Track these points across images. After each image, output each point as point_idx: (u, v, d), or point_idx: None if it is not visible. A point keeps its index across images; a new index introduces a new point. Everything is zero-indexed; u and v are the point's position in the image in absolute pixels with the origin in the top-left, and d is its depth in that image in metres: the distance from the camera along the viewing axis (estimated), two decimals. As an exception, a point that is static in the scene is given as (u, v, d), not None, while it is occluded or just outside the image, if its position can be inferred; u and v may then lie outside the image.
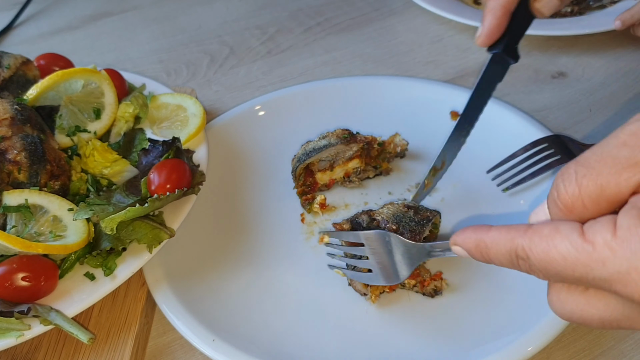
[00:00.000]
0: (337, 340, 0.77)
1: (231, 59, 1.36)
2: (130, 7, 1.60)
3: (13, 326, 0.70)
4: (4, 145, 0.80)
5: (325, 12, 1.49)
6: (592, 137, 1.04)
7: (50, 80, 0.93)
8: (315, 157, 0.93)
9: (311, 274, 0.86)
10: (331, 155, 0.94)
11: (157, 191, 0.80)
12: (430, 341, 0.76)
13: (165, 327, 0.82)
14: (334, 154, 0.94)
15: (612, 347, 0.75)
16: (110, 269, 0.76)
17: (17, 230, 0.76)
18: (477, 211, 0.92)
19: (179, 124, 0.97)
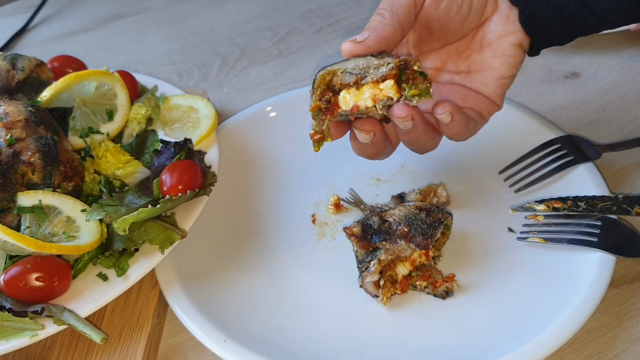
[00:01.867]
0: (348, 342, 0.77)
1: (242, 60, 1.36)
2: (142, 10, 1.61)
3: (27, 326, 0.70)
4: (18, 147, 0.81)
5: (337, 13, 1.49)
6: (605, 138, 1.03)
7: (64, 82, 0.94)
8: (340, 65, 0.72)
9: (322, 275, 0.86)
10: (360, 69, 0.71)
11: (169, 192, 0.80)
12: (441, 343, 0.75)
13: (177, 328, 0.83)
14: (364, 68, 0.71)
15: (626, 349, 0.74)
16: (123, 270, 0.77)
17: (31, 231, 0.77)
18: (489, 212, 0.91)
19: (190, 125, 0.98)
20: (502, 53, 0.78)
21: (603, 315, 0.78)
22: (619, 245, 0.79)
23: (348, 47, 0.69)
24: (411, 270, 0.81)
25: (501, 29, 0.78)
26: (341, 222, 0.93)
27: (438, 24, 0.77)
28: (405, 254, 0.78)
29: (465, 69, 0.82)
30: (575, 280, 0.76)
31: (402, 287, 0.79)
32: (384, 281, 0.78)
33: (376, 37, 0.69)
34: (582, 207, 0.84)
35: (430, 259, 0.83)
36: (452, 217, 0.82)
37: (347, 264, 0.87)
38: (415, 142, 0.77)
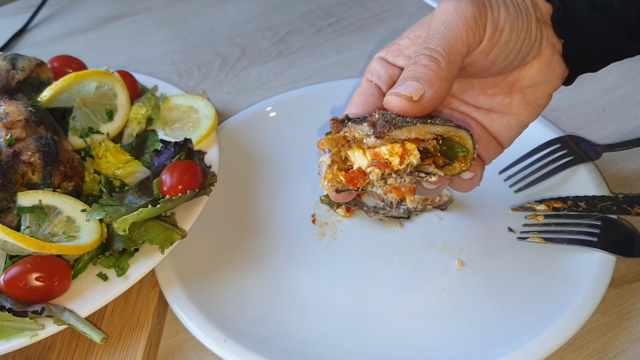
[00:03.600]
0: (348, 342, 0.77)
1: (242, 61, 1.36)
2: (143, 10, 1.61)
3: (27, 326, 0.70)
4: (19, 147, 0.81)
5: (336, 13, 1.49)
6: (605, 138, 1.03)
7: (64, 82, 0.94)
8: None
9: (322, 274, 0.86)
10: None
11: (169, 192, 0.81)
12: (441, 343, 0.75)
13: (177, 328, 0.83)
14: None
15: (626, 349, 0.74)
16: (123, 270, 0.77)
17: (31, 230, 0.77)
18: (489, 212, 0.91)
19: (190, 125, 0.98)
20: (533, 101, 0.71)
21: (603, 315, 0.78)
22: (619, 245, 0.79)
23: (400, 105, 0.57)
24: (379, 171, 0.60)
25: (541, 77, 0.69)
26: (341, 222, 0.93)
27: (478, 69, 0.67)
28: (367, 141, 0.58)
29: (486, 107, 0.73)
30: (575, 280, 0.76)
31: (352, 178, 0.60)
32: (331, 160, 0.60)
33: (433, 95, 0.58)
34: (582, 207, 0.84)
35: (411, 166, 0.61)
36: (471, 137, 0.61)
37: (347, 264, 0.87)
38: (426, 194, 0.74)
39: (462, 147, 0.60)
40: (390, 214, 0.91)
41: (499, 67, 0.67)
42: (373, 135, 0.56)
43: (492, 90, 0.72)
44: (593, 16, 0.65)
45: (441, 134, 0.58)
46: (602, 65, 0.71)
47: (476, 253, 0.86)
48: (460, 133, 0.59)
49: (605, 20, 0.65)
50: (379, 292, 0.83)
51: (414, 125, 0.57)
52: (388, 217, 0.91)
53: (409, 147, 0.58)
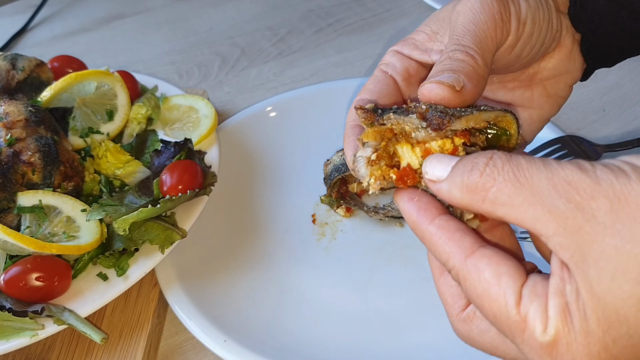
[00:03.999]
0: (348, 341, 0.77)
1: (242, 61, 1.36)
2: (143, 10, 1.61)
3: (27, 326, 0.70)
4: (19, 147, 0.81)
5: (336, 13, 1.49)
6: (605, 138, 1.03)
7: (64, 82, 0.94)
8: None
9: (323, 274, 0.86)
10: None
11: (169, 192, 0.81)
12: (441, 343, 0.75)
13: (177, 328, 0.83)
14: None
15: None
16: (123, 270, 0.77)
17: (31, 230, 0.77)
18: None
19: (190, 125, 0.98)
20: (554, 93, 0.69)
21: (603, 315, 0.78)
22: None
23: (442, 94, 0.52)
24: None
25: (561, 67, 0.67)
26: (341, 222, 0.93)
27: (503, 65, 0.63)
28: (416, 135, 0.52)
29: (507, 101, 0.70)
30: (576, 280, 0.76)
31: (402, 175, 0.53)
32: (377, 156, 0.54)
33: (474, 90, 0.53)
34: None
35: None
36: (516, 121, 0.55)
37: (347, 264, 0.87)
38: None
39: (505, 132, 0.54)
40: (390, 214, 0.91)
41: (523, 61, 0.63)
42: (427, 128, 0.51)
43: (511, 84, 0.69)
44: (611, 9, 0.63)
45: (492, 120, 0.54)
46: (619, 60, 0.70)
47: (476, 253, 0.86)
48: (507, 118, 0.54)
49: (623, 12, 0.63)
50: (379, 292, 0.83)
51: (471, 114, 0.51)
52: (388, 217, 0.91)
53: (458, 143, 0.52)
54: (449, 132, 0.51)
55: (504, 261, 0.44)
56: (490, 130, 0.54)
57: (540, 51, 0.64)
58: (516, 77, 0.69)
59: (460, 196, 0.44)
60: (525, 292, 0.41)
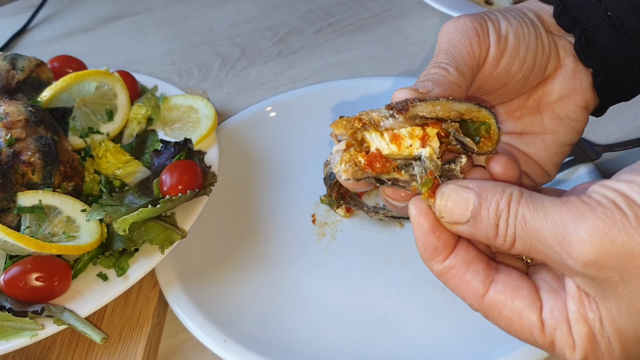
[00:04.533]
0: (348, 341, 0.77)
1: (242, 61, 1.36)
2: (143, 10, 1.61)
3: (27, 326, 0.70)
4: (18, 147, 0.81)
5: (336, 13, 1.49)
6: (605, 138, 1.03)
7: (64, 82, 0.94)
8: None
9: (323, 274, 0.86)
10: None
11: (169, 192, 0.81)
12: (441, 343, 0.75)
13: (177, 328, 0.83)
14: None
15: (627, 349, 0.74)
16: (123, 270, 0.77)
17: (31, 230, 0.77)
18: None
19: (190, 125, 0.98)
20: (565, 116, 0.66)
21: (603, 315, 0.78)
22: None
23: (405, 96, 0.54)
24: (395, 157, 0.54)
25: (566, 88, 0.65)
26: (341, 222, 0.93)
27: (496, 84, 0.63)
28: (385, 124, 0.54)
29: (517, 131, 0.69)
30: (575, 280, 0.76)
31: (371, 160, 0.54)
32: (347, 144, 0.55)
33: (441, 93, 0.55)
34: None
35: (437, 152, 0.54)
36: (494, 116, 0.55)
37: (347, 264, 0.87)
38: None
39: (482, 123, 0.55)
40: (390, 214, 0.91)
41: (517, 79, 0.63)
42: (394, 115, 0.52)
43: (519, 113, 0.69)
44: (619, 43, 0.63)
45: (463, 113, 0.54)
46: (637, 94, 0.69)
47: (476, 253, 0.86)
48: (482, 113, 0.54)
49: (634, 46, 0.62)
50: (379, 292, 0.83)
51: (438, 100, 0.52)
52: (388, 217, 0.91)
53: (430, 132, 0.53)
54: (418, 120, 0.52)
55: (518, 294, 0.49)
56: (467, 124, 0.55)
57: (536, 69, 0.63)
58: (522, 105, 0.68)
59: (484, 239, 0.49)
60: (547, 319, 0.47)
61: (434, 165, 0.52)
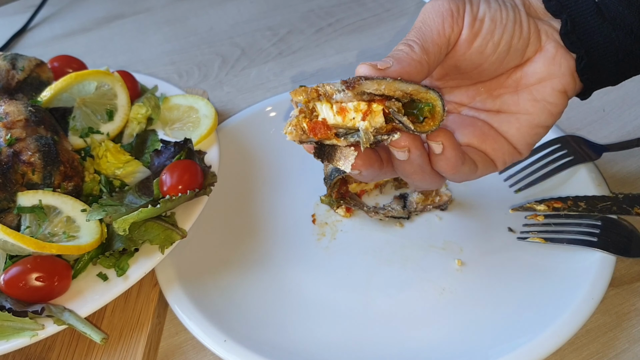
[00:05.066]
0: (348, 342, 0.77)
1: (242, 60, 1.36)
2: (143, 9, 1.61)
3: (27, 326, 0.70)
4: (19, 147, 0.81)
5: (336, 13, 1.49)
6: (605, 138, 1.03)
7: (64, 82, 0.94)
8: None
9: (322, 274, 0.86)
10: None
11: (169, 192, 0.81)
12: (441, 343, 0.75)
13: (177, 328, 0.83)
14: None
15: (626, 349, 0.74)
16: (123, 270, 0.77)
17: (31, 230, 0.77)
18: (489, 212, 0.91)
19: (190, 125, 0.98)
20: (541, 98, 0.68)
21: (603, 315, 0.78)
22: (619, 245, 0.79)
23: (365, 71, 0.60)
24: (340, 126, 0.60)
25: (544, 71, 0.67)
26: (341, 222, 0.93)
27: (470, 64, 0.66)
28: (337, 97, 0.59)
29: (495, 109, 0.71)
30: (575, 280, 0.76)
31: (314, 127, 0.60)
32: (300, 111, 0.62)
33: (400, 69, 0.59)
34: (582, 207, 0.84)
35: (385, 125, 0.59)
36: (441, 98, 0.58)
37: (347, 264, 0.87)
38: (410, 177, 0.66)
39: (427, 104, 0.58)
40: (390, 214, 0.91)
41: (491, 60, 0.66)
42: (345, 90, 0.58)
43: (498, 91, 0.71)
44: (604, 30, 0.64)
45: (410, 93, 0.58)
46: (623, 79, 0.69)
47: (476, 253, 0.86)
48: (429, 95, 0.58)
49: (618, 33, 0.64)
50: (379, 292, 0.83)
51: (384, 79, 0.57)
52: (388, 217, 0.91)
53: (375, 109, 0.58)
54: (365, 96, 0.58)
55: None
56: (415, 104, 0.59)
57: (512, 52, 0.66)
58: (501, 84, 0.71)
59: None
60: None
61: (367, 138, 0.58)
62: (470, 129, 0.70)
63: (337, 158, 0.62)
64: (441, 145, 0.61)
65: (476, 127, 0.70)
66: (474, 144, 0.69)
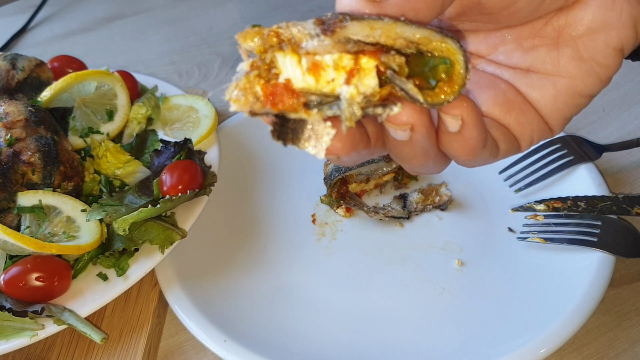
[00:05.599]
0: (348, 342, 0.77)
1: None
2: (143, 10, 1.61)
3: (27, 326, 0.70)
4: (19, 147, 0.81)
5: (337, 13, 1.49)
6: (605, 138, 1.03)
7: (64, 82, 0.94)
8: (356, 170, 0.92)
9: (322, 274, 0.86)
10: (371, 170, 0.93)
11: (169, 192, 0.80)
12: (441, 343, 0.75)
13: (177, 328, 0.83)
14: (373, 170, 0.93)
15: (626, 349, 0.74)
16: (123, 270, 0.77)
17: (31, 230, 0.77)
18: (489, 212, 0.91)
19: (190, 125, 0.98)
20: (590, 57, 0.50)
21: (603, 315, 0.78)
22: (619, 245, 0.79)
23: (351, 3, 0.42)
24: (312, 91, 0.40)
25: (598, 19, 0.48)
26: (341, 222, 0.93)
27: (499, 1, 0.47)
28: (307, 45, 0.41)
29: (524, 65, 0.53)
30: (575, 280, 0.76)
31: (273, 93, 0.41)
32: (251, 65, 0.42)
33: (402, 2, 0.40)
34: (582, 207, 0.84)
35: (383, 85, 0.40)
36: (463, 52, 0.40)
37: (347, 264, 0.87)
38: (407, 162, 0.48)
39: (443, 60, 0.40)
40: (390, 214, 0.91)
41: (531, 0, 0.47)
42: (319, 33, 0.40)
43: (530, 42, 0.52)
44: None
45: (418, 42, 0.39)
46: None
47: (476, 253, 0.86)
48: (446, 45, 0.39)
49: None
50: (379, 292, 0.83)
51: (380, 19, 0.38)
52: (388, 217, 0.91)
53: (365, 65, 0.39)
54: (351, 45, 0.39)
55: None
56: (424, 58, 0.40)
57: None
58: (536, 32, 0.52)
59: None
60: None
61: (351, 112, 0.39)
62: (491, 92, 0.52)
63: (306, 137, 0.42)
64: (460, 121, 0.43)
65: (498, 90, 0.52)
66: (495, 114, 0.51)
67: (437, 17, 0.45)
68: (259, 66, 0.40)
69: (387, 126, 0.43)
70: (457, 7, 0.47)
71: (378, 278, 0.85)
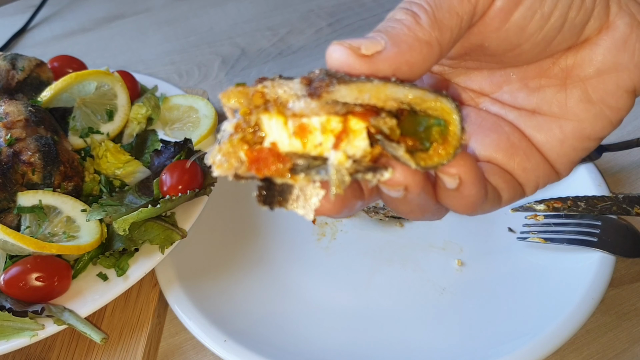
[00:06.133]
0: (348, 342, 0.77)
1: (242, 61, 1.36)
2: (143, 10, 1.61)
3: (27, 326, 0.70)
4: (19, 147, 0.81)
5: (337, 13, 1.49)
6: (606, 139, 1.03)
7: (64, 82, 0.94)
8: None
9: (322, 274, 0.86)
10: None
11: (169, 192, 0.80)
12: (441, 343, 0.75)
13: (177, 328, 0.83)
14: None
15: (626, 349, 0.74)
16: (123, 270, 0.77)
17: (31, 230, 0.77)
18: (485, 219, 0.91)
19: (190, 125, 0.98)
20: (600, 99, 0.47)
21: (603, 315, 0.78)
22: (619, 245, 0.79)
23: (339, 57, 0.39)
24: (299, 155, 0.39)
25: (609, 60, 0.46)
26: (341, 222, 0.93)
27: (503, 45, 0.45)
28: (294, 106, 0.39)
29: (530, 107, 0.50)
30: (575, 280, 0.76)
31: (257, 158, 0.40)
32: (235, 126, 0.40)
33: (396, 55, 0.39)
34: (582, 207, 0.84)
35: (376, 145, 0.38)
36: (458, 110, 0.38)
37: (347, 264, 0.87)
38: (404, 215, 0.47)
39: (437, 121, 0.38)
40: (390, 214, 0.91)
41: (535, 40, 0.45)
42: (306, 94, 0.37)
43: (536, 82, 0.50)
44: None
45: (410, 102, 0.37)
46: None
47: (476, 253, 0.86)
48: (440, 104, 0.38)
49: None
50: (379, 292, 0.83)
51: (369, 81, 0.37)
52: (388, 217, 0.91)
53: (355, 127, 0.37)
54: (339, 107, 0.37)
55: None
56: (418, 118, 0.38)
57: (566, 29, 0.45)
58: (543, 72, 0.49)
59: None
60: None
61: (340, 178, 0.37)
62: (494, 136, 0.49)
63: (294, 198, 0.41)
64: (457, 180, 0.42)
65: (502, 133, 0.49)
66: (498, 160, 0.49)
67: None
68: (244, 129, 0.39)
69: (380, 185, 0.41)
70: (458, 49, 0.46)
71: (378, 278, 0.85)
